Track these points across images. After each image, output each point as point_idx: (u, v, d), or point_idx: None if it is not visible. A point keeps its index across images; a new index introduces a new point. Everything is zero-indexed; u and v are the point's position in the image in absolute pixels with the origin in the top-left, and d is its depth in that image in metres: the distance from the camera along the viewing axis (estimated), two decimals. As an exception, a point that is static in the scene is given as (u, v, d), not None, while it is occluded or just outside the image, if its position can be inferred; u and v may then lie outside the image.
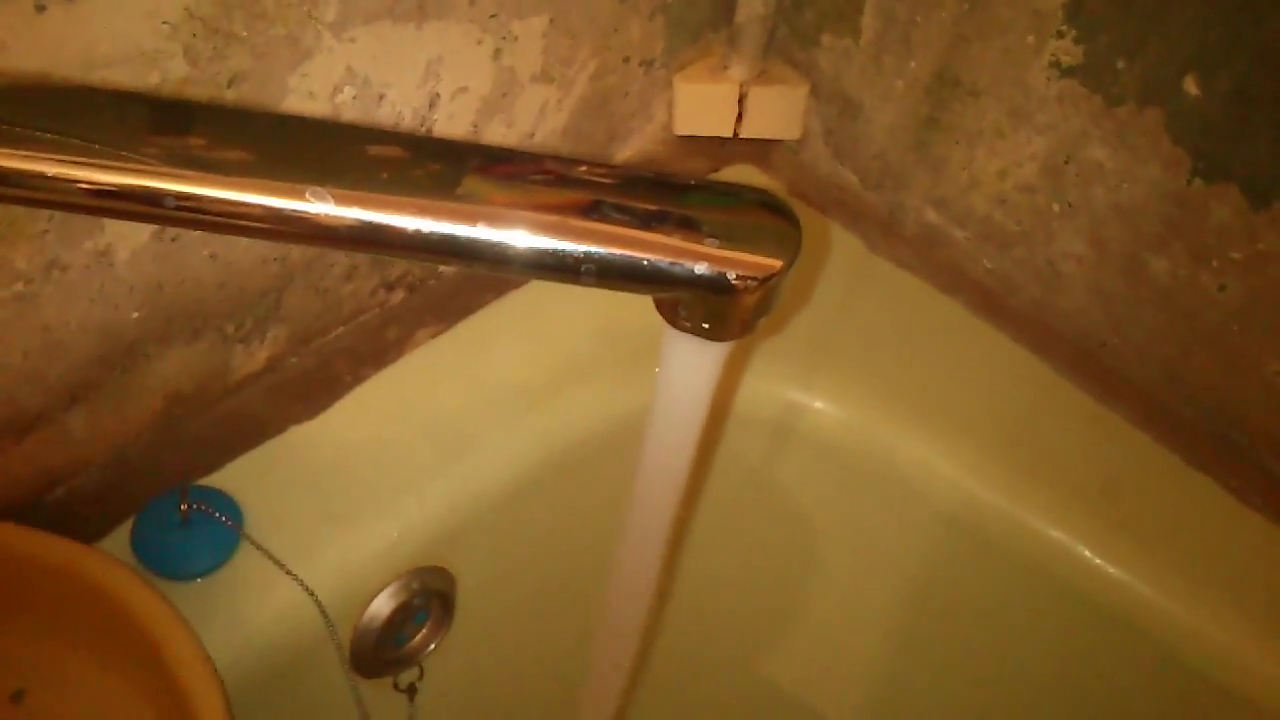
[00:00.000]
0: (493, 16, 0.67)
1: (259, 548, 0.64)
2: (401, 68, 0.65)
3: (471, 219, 0.29)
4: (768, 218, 0.31)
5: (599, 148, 0.82)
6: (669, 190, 0.31)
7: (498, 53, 0.69)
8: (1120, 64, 0.68)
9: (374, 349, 0.74)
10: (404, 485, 0.69)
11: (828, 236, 0.87)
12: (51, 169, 0.30)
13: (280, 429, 0.70)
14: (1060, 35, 0.70)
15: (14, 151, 0.30)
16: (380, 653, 0.70)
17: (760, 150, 0.90)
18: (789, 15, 0.83)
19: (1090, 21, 0.69)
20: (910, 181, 0.83)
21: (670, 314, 0.32)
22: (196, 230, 0.34)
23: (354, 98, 0.63)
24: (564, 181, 0.30)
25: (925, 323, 0.82)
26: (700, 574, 0.89)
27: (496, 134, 0.73)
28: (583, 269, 0.29)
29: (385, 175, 0.28)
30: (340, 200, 0.27)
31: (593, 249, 0.29)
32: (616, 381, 0.76)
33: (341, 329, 0.74)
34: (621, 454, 0.77)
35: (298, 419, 0.70)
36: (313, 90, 0.61)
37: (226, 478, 0.67)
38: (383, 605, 0.68)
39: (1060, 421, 0.77)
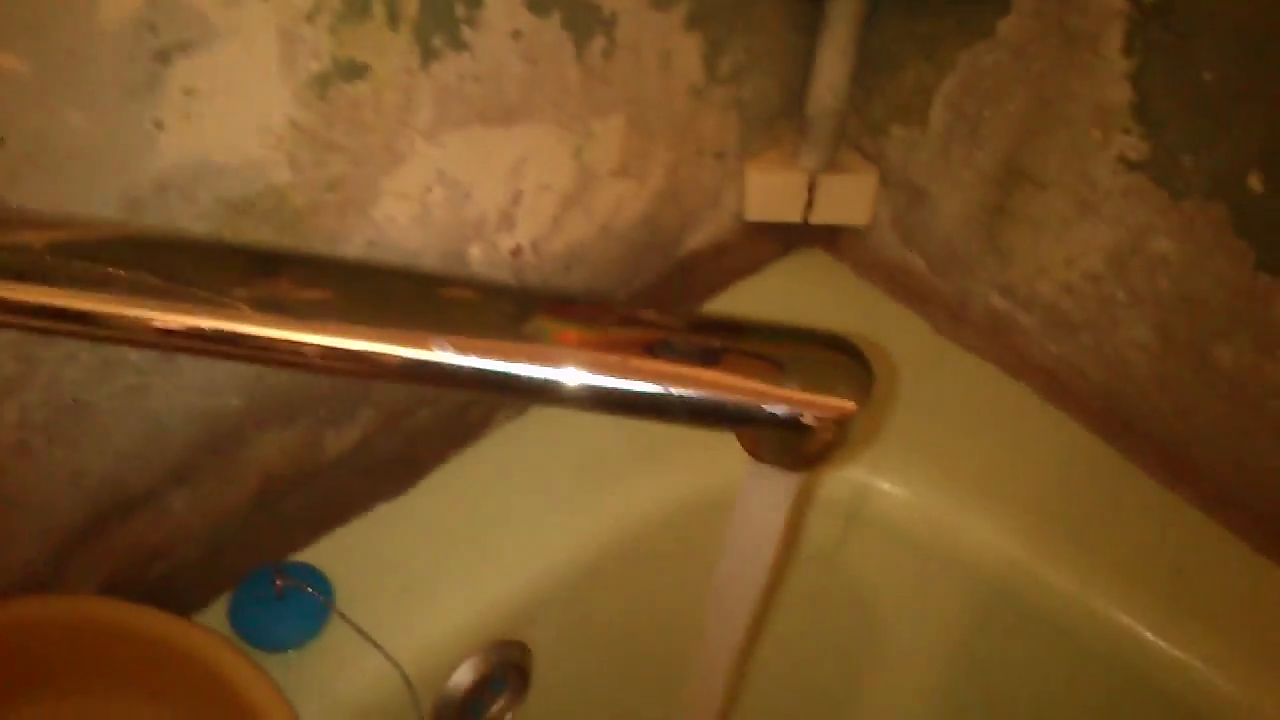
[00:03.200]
0: (575, 117, 0.70)
1: (348, 621, 0.67)
2: (488, 168, 0.68)
3: (559, 361, 0.32)
4: (843, 362, 0.33)
5: (671, 235, 0.85)
6: (752, 335, 0.33)
7: (578, 150, 0.72)
8: (1186, 160, 0.70)
9: (457, 430, 0.77)
10: (483, 562, 0.72)
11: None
12: (186, 319, 0.33)
13: (368, 507, 0.73)
14: (1126, 131, 0.72)
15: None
16: (460, 724, 0.73)
17: (829, 235, 0.93)
18: (859, 106, 0.86)
19: (1156, 118, 0.70)
20: (977, 268, 0.85)
21: (751, 446, 0.35)
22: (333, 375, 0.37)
23: (443, 197, 0.67)
24: (654, 328, 0.33)
25: (992, 406, 0.84)
26: (768, 650, 0.90)
27: (577, 226, 0.76)
28: (674, 409, 0.32)
29: (494, 323, 0.32)
30: (460, 349, 0.30)
31: (684, 392, 0.32)
32: (685, 465, 0.78)
33: (427, 410, 0.78)
34: (691, 535, 0.79)
35: (385, 496, 0.73)
36: (405, 191, 0.65)
37: (318, 553, 0.71)
38: (463, 677, 0.71)
39: (1127, 506, 0.78)
